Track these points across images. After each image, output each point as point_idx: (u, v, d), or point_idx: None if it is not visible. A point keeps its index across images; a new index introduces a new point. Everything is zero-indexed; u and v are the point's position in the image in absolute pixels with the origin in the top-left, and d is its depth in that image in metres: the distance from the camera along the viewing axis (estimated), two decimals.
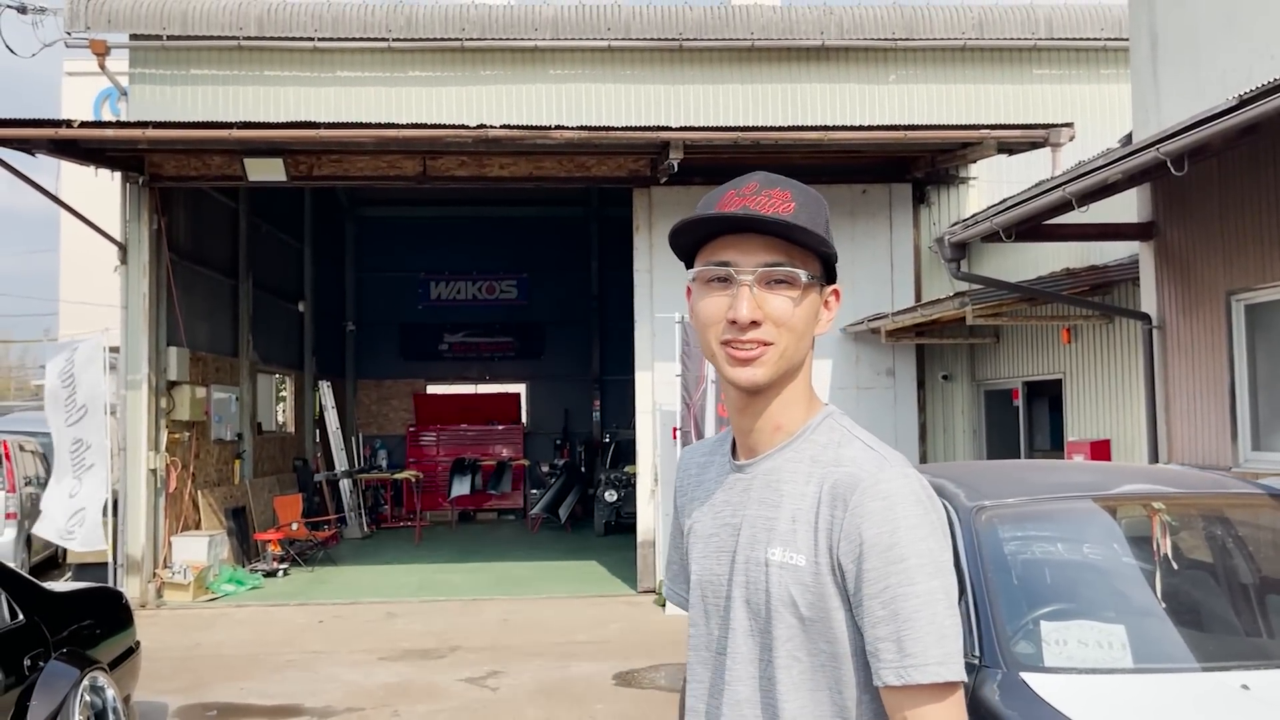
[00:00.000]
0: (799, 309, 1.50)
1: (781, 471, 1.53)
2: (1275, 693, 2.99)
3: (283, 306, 17.49)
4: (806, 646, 1.47)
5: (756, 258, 1.49)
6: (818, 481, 1.49)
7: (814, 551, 1.46)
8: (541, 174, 11.72)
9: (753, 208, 1.49)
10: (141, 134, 9.88)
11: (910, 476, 1.47)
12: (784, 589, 1.47)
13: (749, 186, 1.52)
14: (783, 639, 1.48)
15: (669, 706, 7.09)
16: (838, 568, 1.44)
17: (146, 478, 11.46)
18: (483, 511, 20.22)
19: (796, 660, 1.47)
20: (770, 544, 1.50)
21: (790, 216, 1.48)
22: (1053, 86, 12.92)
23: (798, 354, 1.52)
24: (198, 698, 7.51)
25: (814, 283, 1.52)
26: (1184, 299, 7.64)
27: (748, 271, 1.49)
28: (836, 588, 1.45)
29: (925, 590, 1.40)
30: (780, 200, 1.49)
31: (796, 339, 1.51)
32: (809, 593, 1.46)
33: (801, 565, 1.46)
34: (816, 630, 1.46)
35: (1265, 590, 4.09)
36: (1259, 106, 4.85)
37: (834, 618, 1.46)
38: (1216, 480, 4.36)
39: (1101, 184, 6.40)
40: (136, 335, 11.45)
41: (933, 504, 1.46)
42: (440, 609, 10.88)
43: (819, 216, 1.52)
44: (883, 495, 1.43)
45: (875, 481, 1.45)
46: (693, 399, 10.85)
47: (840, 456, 1.50)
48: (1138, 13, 8.10)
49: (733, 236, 1.51)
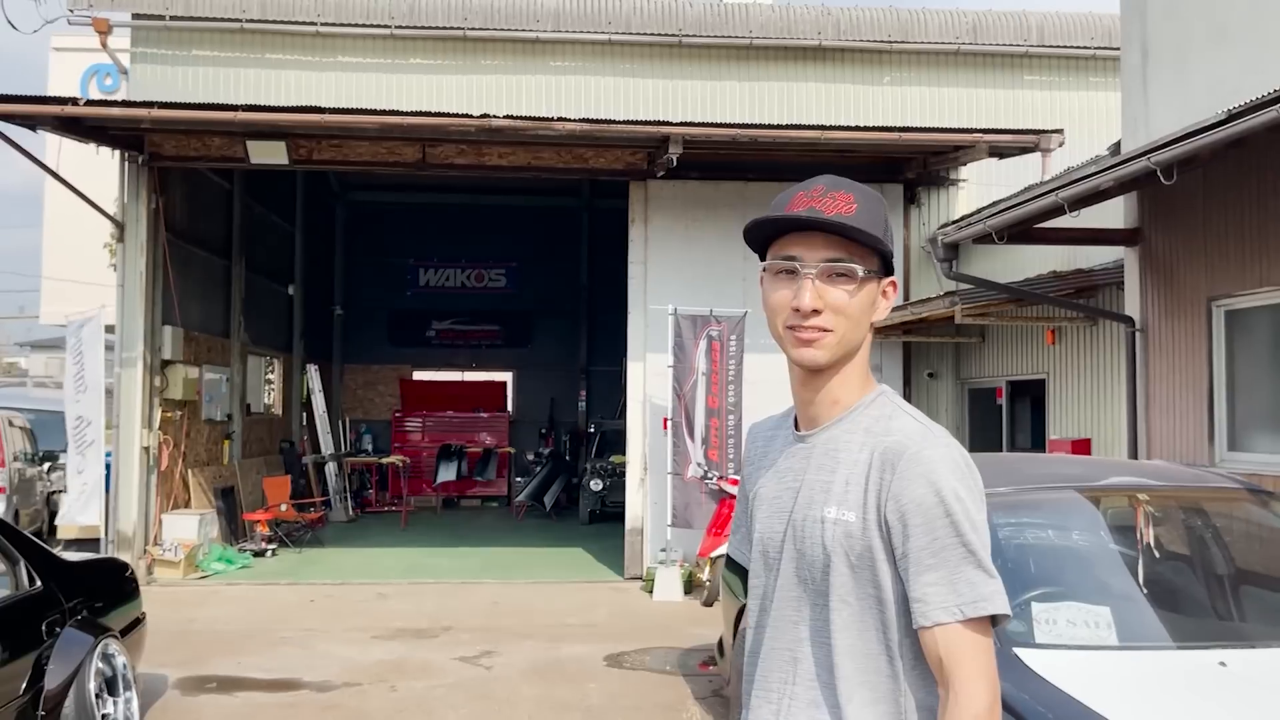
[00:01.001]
0: (855, 299, 1.69)
1: (838, 441, 1.74)
2: (1250, 669, 3.21)
3: (273, 289, 17.55)
4: (855, 592, 1.68)
5: (819, 253, 1.69)
6: (870, 449, 1.69)
7: (863, 509, 1.66)
8: (540, 164, 11.86)
9: (818, 209, 1.68)
10: (146, 113, 9.95)
11: (951, 446, 1.68)
12: (837, 542, 1.68)
13: (817, 189, 1.71)
14: (836, 585, 1.68)
15: (660, 687, 7.29)
16: (884, 524, 1.65)
17: (140, 455, 11.55)
18: (467, 498, 20.35)
19: (846, 604, 1.68)
20: (826, 504, 1.70)
21: (851, 218, 1.67)
22: (1042, 93, 13.18)
23: (854, 339, 1.72)
24: (196, 670, 7.64)
25: (870, 276, 1.71)
26: (1166, 304, 7.89)
27: (811, 266, 1.69)
28: (882, 541, 1.65)
29: (968, 542, 1.60)
30: (844, 202, 1.69)
31: (853, 325, 1.70)
32: (858, 544, 1.66)
33: (852, 521, 1.67)
34: (864, 578, 1.67)
35: (1240, 578, 4.33)
36: (1247, 121, 5.07)
37: (880, 568, 1.66)
38: (1197, 475, 4.58)
39: (1093, 190, 6.62)
40: (133, 313, 11.52)
41: (970, 471, 1.66)
42: (430, 591, 11.03)
43: (878, 217, 1.71)
44: (926, 460, 1.64)
45: (920, 449, 1.65)
46: (684, 390, 11.05)
47: (890, 428, 1.70)
48: (1130, 23, 8.33)
49: (799, 234, 1.71)
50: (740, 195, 11.73)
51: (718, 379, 11.07)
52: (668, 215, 11.95)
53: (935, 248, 8.12)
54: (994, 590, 1.60)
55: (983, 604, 1.59)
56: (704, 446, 10.95)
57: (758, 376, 11.18)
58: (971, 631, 1.59)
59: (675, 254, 11.91)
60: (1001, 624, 1.63)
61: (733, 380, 11.09)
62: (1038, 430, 11.07)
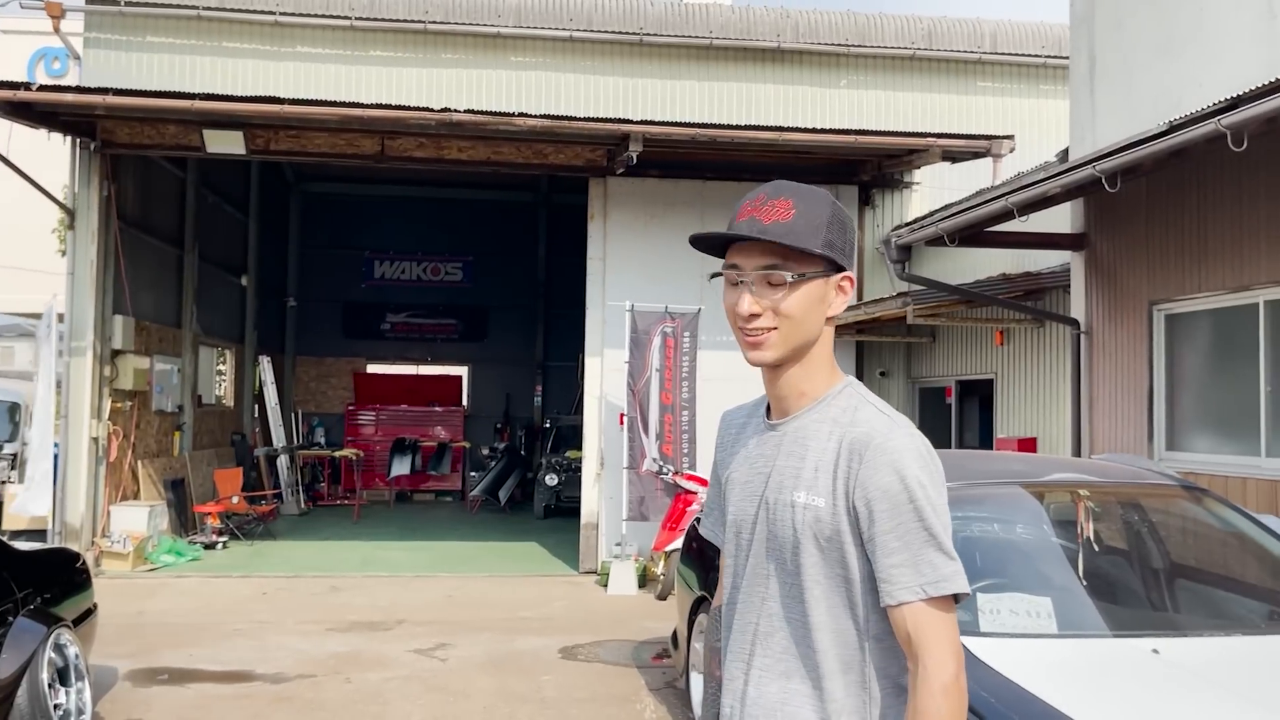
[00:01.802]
0: (790, 301, 1.79)
1: (808, 429, 1.85)
2: (1181, 655, 3.38)
3: (226, 279, 17.35)
4: (825, 571, 1.80)
5: (755, 261, 1.81)
6: (837, 439, 1.80)
7: (833, 495, 1.78)
8: (499, 159, 11.88)
9: (758, 217, 1.80)
10: (101, 100, 9.83)
11: (915, 436, 1.79)
12: (806, 525, 1.79)
13: (759, 198, 1.83)
14: (805, 565, 1.81)
15: (614, 678, 7.37)
16: (852, 509, 1.76)
17: (88, 445, 11.40)
18: (420, 492, 20.29)
19: (817, 582, 1.80)
20: (796, 488, 1.82)
21: (786, 224, 1.77)
22: (995, 99, 13.47)
23: (799, 335, 1.82)
24: (147, 663, 7.58)
25: (805, 279, 1.80)
26: (1110, 307, 8.14)
27: (748, 275, 1.81)
28: (850, 526, 1.77)
29: (930, 526, 1.72)
30: (781, 209, 1.79)
31: (796, 324, 1.80)
32: (827, 528, 1.78)
33: (821, 506, 1.79)
34: (833, 559, 1.79)
35: (1174, 571, 4.52)
36: (1187, 133, 5.27)
37: (847, 550, 1.78)
38: (1134, 471, 4.77)
39: (1041, 196, 6.82)
40: (83, 302, 11.36)
41: (932, 459, 1.78)
42: (384, 584, 11.02)
43: (818, 219, 1.80)
44: (891, 450, 1.75)
45: (885, 440, 1.76)
46: (638, 386, 11.15)
47: (856, 419, 1.82)
48: (1078, 34, 8.57)
49: (741, 244, 1.83)
50: (699, 194, 11.85)
51: (671, 375, 11.18)
52: (627, 212, 12.04)
53: (889, 249, 8.30)
54: (954, 571, 1.72)
55: (944, 584, 1.71)
56: (659, 442, 11.06)
57: (713, 373, 11.33)
58: (935, 609, 1.70)
59: (634, 250, 12.00)
60: (962, 600, 1.75)
61: (686, 377, 11.21)
62: (985, 429, 11.33)
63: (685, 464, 11.05)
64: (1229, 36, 6.84)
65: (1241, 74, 6.32)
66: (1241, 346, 6.84)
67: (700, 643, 6.30)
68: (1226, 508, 4.53)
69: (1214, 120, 5.04)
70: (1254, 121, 4.89)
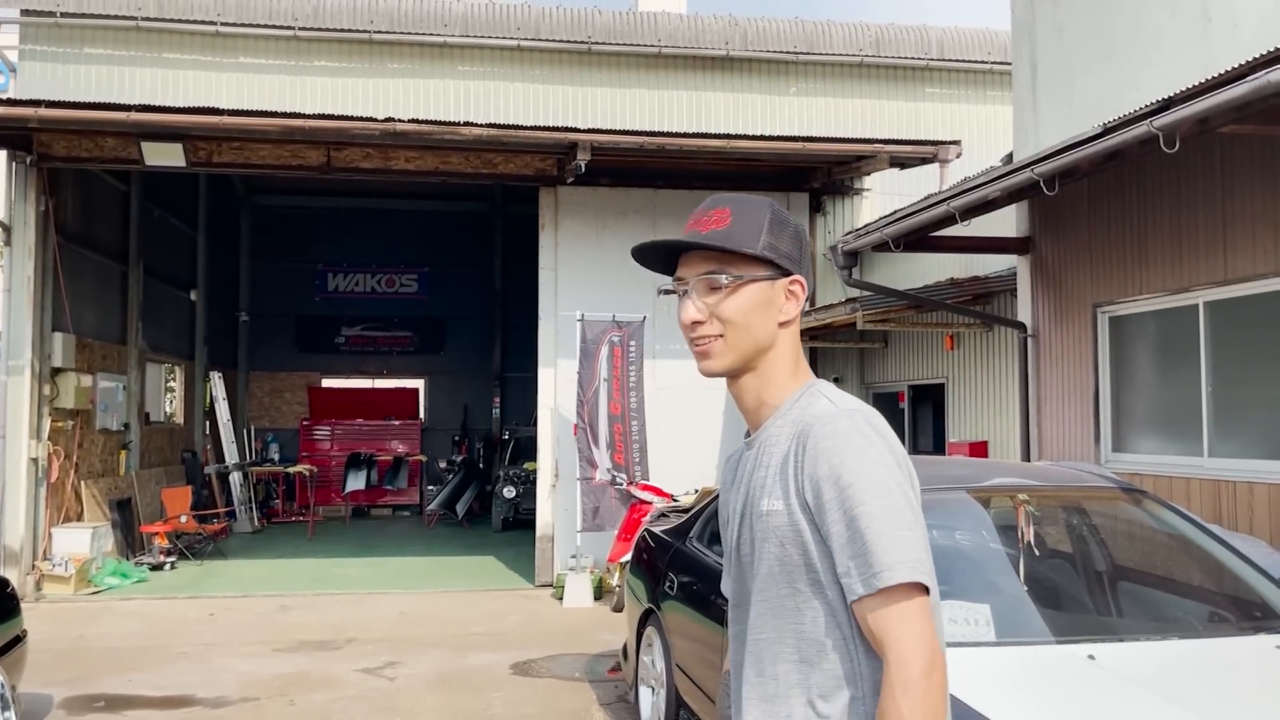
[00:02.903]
0: (728, 304, 1.75)
1: (772, 438, 1.77)
2: (1116, 661, 3.35)
3: (174, 294, 17.04)
4: (804, 577, 1.68)
5: (696, 269, 1.79)
6: (790, 437, 1.72)
7: (786, 496, 1.69)
8: (448, 169, 11.76)
9: (698, 228, 1.79)
10: (33, 113, 9.59)
11: (856, 415, 1.68)
12: (772, 532, 1.70)
13: (700, 210, 1.82)
14: (784, 574, 1.70)
15: (565, 694, 7.27)
16: (806, 506, 1.66)
17: (27, 466, 11.11)
18: (377, 507, 20.05)
19: (797, 590, 1.69)
20: (761, 497, 1.74)
21: (721, 230, 1.76)
22: (943, 105, 13.56)
23: (747, 341, 1.76)
24: (84, 689, 7.36)
25: (746, 280, 1.76)
26: (1055, 310, 8.18)
27: (688, 283, 1.79)
28: (809, 524, 1.66)
29: (876, 509, 1.58)
30: (719, 217, 1.78)
31: (741, 329, 1.75)
32: (789, 531, 1.68)
33: (779, 509, 1.70)
34: (802, 563, 1.68)
35: (1115, 574, 4.51)
36: (1120, 135, 5.29)
37: (811, 551, 1.66)
38: (1075, 474, 4.76)
39: (982, 200, 6.83)
40: (20, 319, 11.08)
41: (880, 437, 1.66)
42: (336, 602, 10.83)
43: (754, 224, 1.77)
44: (830, 434, 1.65)
45: (824, 424, 1.67)
46: (587, 395, 11.06)
47: (806, 414, 1.73)
48: (1019, 42, 8.63)
49: (685, 256, 1.82)
50: (650, 202, 11.80)
51: (619, 385, 11.10)
52: (578, 221, 11.96)
53: (835, 255, 8.29)
54: (902, 558, 1.56)
55: (888, 573, 1.55)
56: (610, 451, 10.97)
57: (665, 382, 11.27)
58: (892, 601, 1.56)
59: (586, 260, 11.92)
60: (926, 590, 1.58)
61: (634, 386, 11.13)
62: (939, 433, 11.36)
63: (638, 474, 10.98)
64: (1166, 41, 6.90)
65: (1179, 77, 6.37)
66: (1183, 348, 6.89)
67: (649, 655, 6.22)
68: (1165, 509, 4.53)
69: (1146, 122, 5.06)
70: (1185, 123, 4.92)
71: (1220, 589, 4.30)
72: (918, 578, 1.56)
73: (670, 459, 11.32)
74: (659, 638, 5.95)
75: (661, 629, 5.90)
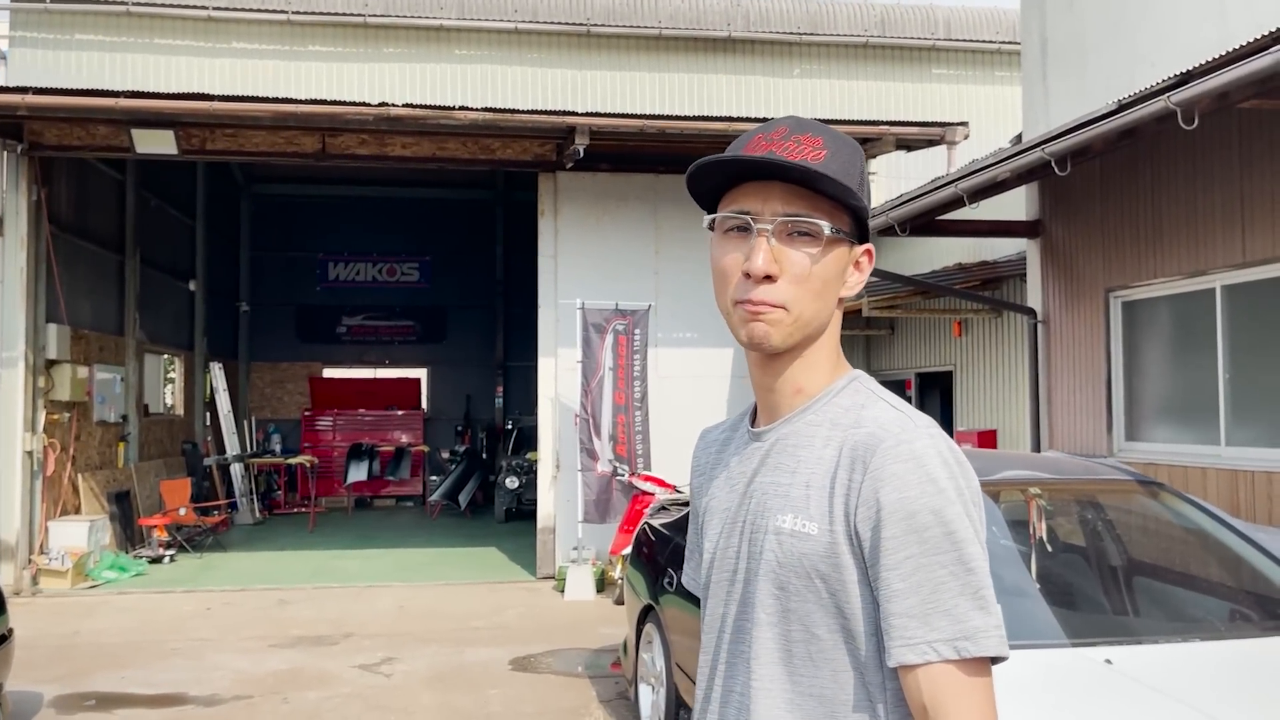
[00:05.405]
0: (818, 266, 1.38)
1: (799, 436, 1.42)
2: (1135, 665, 3.16)
3: (172, 285, 16.88)
4: (822, 622, 1.35)
5: (777, 207, 1.37)
6: (836, 445, 1.38)
7: (829, 519, 1.34)
8: (445, 155, 11.55)
9: (779, 154, 1.36)
10: (21, 100, 9.41)
11: (936, 437, 1.34)
12: (793, 559, 1.36)
13: (778, 131, 1.40)
14: (795, 613, 1.37)
15: (565, 690, 7.11)
16: (855, 536, 1.32)
17: (21, 459, 10.97)
18: (380, 498, 19.93)
19: (812, 636, 1.36)
20: (782, 511, 1.39)
21: (819, 165, 1.35)
22: (950, 86, 13.31)
23: (815, 316, 1.40)
24: (75, 687, 7.23)
25: (840, 238, 1.39)
26: (1067, 295, 7.96)
27: (766, 222, 1.37)
28: (853, 558, 1.33)
29: (956, 560, 1.28)
30: (810, 147, 1.38)
31: (813, 298, 1.39)
32: (822, 563, 1.34)
33: (814, 534, 1.35)
34: (829, 604, 1.35)
35: (1132, 571, 4.32)
36: (1135, 111, 5.08)
37: (849, 592, 1.33)
38: (1089, 467, 4.56)
39: (991, 181, 6.62)
40: (13, 311, 10.92)
41: (962, 468, 1.33)
42: (334, 595, 10.69)
43: (853, 167, 1.39)
44: (905, 458, 1.30)
45: (898, 443, 1.32)
46: (590, 385, 10.88)
47: (861, 418, 1.38)
48: (1029, 18, 8.39)
49: (754, 184, 1.38)
50: (651, 188, 11.59)
51: (624, 374, 10.91)
52: (578, 207, 11.76)
53: None
54: (987, 624, 1.26)
55: (967, 643, 1.25)
56: (612, 443, 10.80)
57: (667, 372, 11.08)
58: (961, 674, 1.25)
59: (587, 247, 11.72)
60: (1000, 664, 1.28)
61: (639, 375, 10.95)
62: (947, 422, 11.17)
63: (640, 464, 10.80)
64: (1181, 14, 6.67)
65: (1194, 51, 6.14)
66: (1199, 333, 6.68)
67: (649, 653, 6.05)
68: (1183, 502, 4.34)
69: (1163, 97, 4.85)
70: (1204, 98, 4.70)
71: (1241, 586, 4.11)
72: (1004, 651, 1.27)
73: (672, 450, 11.13)
74: (659, 635, 5.79)
75: (661, 626, 5.73)
